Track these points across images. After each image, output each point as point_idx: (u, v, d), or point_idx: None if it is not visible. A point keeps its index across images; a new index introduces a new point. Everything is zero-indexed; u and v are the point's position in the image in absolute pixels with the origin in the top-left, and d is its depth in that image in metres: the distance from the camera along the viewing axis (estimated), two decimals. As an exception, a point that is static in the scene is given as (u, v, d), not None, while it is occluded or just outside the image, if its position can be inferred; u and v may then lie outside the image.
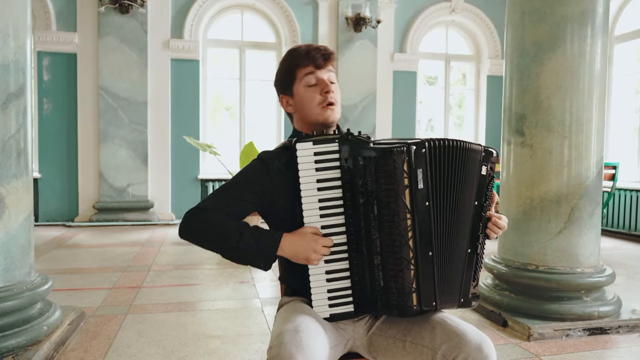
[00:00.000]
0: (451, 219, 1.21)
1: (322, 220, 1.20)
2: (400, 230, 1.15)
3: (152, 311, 3.02)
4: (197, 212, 1.23)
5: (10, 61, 2.21)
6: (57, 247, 5.00)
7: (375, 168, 1.14)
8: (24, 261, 2.29)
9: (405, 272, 1.15)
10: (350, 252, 1.20)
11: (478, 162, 1.23)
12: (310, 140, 1.19)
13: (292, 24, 7.06)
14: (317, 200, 1.19)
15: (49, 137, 6.51)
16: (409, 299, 1.16)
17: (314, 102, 1.31)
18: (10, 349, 2.10)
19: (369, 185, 1.16)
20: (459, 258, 1.23)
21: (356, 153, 1.17)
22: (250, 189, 1.26)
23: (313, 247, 1.18)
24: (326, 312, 1.21)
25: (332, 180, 1.19)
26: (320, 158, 1.18)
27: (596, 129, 2.77)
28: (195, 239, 1.24)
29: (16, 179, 2.23)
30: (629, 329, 2.71)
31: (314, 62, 1.31)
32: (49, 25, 6.39)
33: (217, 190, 1.28)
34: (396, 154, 1.13)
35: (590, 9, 2.71)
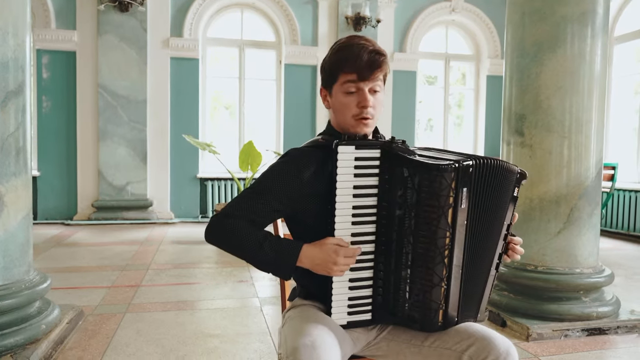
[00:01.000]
0: (483, 238, 1.20)
1: (353, 228, 1.16)
2: (438, 247, 1.12)
3: (150, 310, 3.02)
4: (222, 219, 1.20)
5: (10, 59, 2.20)
6: (56, 246, 4.99)
7: (420, 182, 1.10)
8: (22, 259, 2.29)
9: (436, 288, 1.14)
10: (377, 262, 1.18)
11: (513, 183, 1.22)
12: (352, 144, 1.13)
13: (292, 23, 7.05)
14: (351, 206, 1.15)
15: (48, 135, 6.49)
16: (436, 315, 1.15)
17: (350, 112, 1.24)
18: (9, 347, 2.10)
19: (409, 198, 1.12)
20: (483, 276, 1.24)
21: (399, 163, 1.12)
22: (279, 196, 1.21)
23: (333, 260, 1.14)
24: (344, 320, 1.19)
25: (369, 187, 1.15)
26: (360, 164, 1.13)
27: (596, 129, 2.77)
28: (218, 245, 1.22)
29: (15, 177, 2.22)
30: (627, 330, 2.71)
31: (359, 71, 1.20)
32: (48, 23, 6.38)
33: (245, 193, 1.23)
34: (446, 172, 1.08)
35: (590, 10, 2.71)
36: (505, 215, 1.23)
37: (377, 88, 1.24)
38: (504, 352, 1.10)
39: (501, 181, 1.19)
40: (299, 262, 1.18)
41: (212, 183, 6.92)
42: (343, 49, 1.23)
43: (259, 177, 1.25)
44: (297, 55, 7.04)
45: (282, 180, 1.21)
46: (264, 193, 1.21)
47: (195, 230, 6.19)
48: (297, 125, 7.15)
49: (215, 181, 6.93)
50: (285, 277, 1.23)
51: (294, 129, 7.14)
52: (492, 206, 1.19)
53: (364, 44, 1.22)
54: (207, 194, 6.93)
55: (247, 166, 5.41)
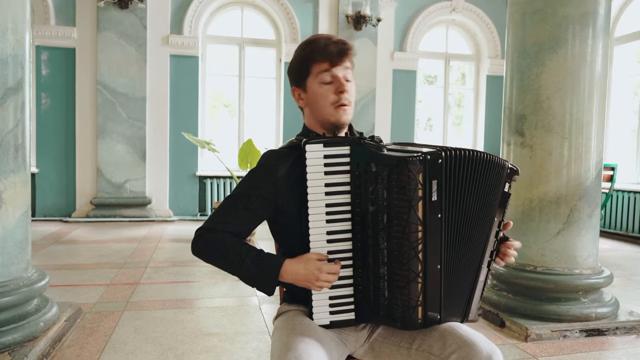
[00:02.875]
0: (465, 233, 1.17)
1: (328, 226, 1.15)
2: (411, 242, 1.10)
3: (149, 308, 3.01)
4: (204, 233, 1.22)
5: (9, 55, 2.19)
6: (54, 243, 4.98)
7: (388, 177, 1.09)
8: (21, 257, 2.28)
9: (413, 285, 1.12)
10: (355, 260, 1.17)
11: (503, 178, 1.19)
12: (320, 142, 1.13)
13: (292, 21, 7.03)
14: (324, 204, 1.14)
15: (46, 132, 6.48)
16: (414, 313, 1.14)
17: (327, 101, 1.25)
18: (7, 345, 2.09)
19: (380, 194, 1.11)
20: (469, 273, 1.21)
21: (368, 159, 1.12)
22: (256, 202, 1.22)
23: (316, 277, 1.14)
24: (326, 319, 1.18)
25: (341, 185, 1.14)
26: (330, 161, 1.13)
27: (596, 130, 2.77)
28: (204, 259, 1.24)
29: (14, 174, 2.21)
30: (626, 331, 2.71)
31: (330, 58, 1.23)
32: (47, 20, 6.36)
33: (225, 203, 1.25)
34: (412, 164, 1.07)
35: (591, 10, 2.71)
36: (493, 211, 1.20)
37: (349, 77, 1.26)
38: (486, 357, 1.08)
39: (485, 175, 1.16)
40: (281, 278, 1.18)
41: (211, 181, 6.91)
42: (310, 43, 1.27)
43: (239, 184, 1.27)
44: (297, 53, 7.02)
45: (258, 183, 1.22)
46: (242, 199, 1.23)
47: (194, 228, 6.08)
48: (297, 124, 7.07)
49: (214, 179, 6.92)
50: (268, 292, 1.21)
51: (294, 127, 7.12)
52: (476, 201, 1.16)
53: (328, 35, 1.28)
54: (206, 192, 6.92)
55: (246, 164, 5.41)
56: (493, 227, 1.21)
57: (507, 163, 1.20)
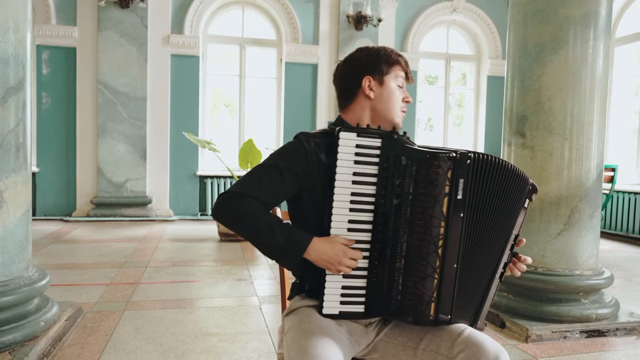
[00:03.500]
0: (483, 236, 1.19)
1: (351, 215, 1.17)
2: (432, 237, 1.13)
3: (149, 308, 3.01)
4: (234, 198, 1.20)
5: (10, 55, 2.19)
6: (55, 242, 4.98)
7: (417, 171, 1.12)
8: (21, 256, 2.28)
9: (429, 280, 1.14)
10: (372, 252, 1.18)
11: (525, 192, 1.22)
12: (354, 131, 1.15)
13: (293, 21, 7.03)
14: (349, 193, 1.16)
15: (47, 131, 6.48)
16: (427, 308, 1.15)
17: (398, 103, 1.36)
18: (7, 344, 2.09)
19: (406, 187, 1.13)
20: (483, 278, 1.23)
21: (399, 152, 1.14)
22: (289, 174, 1.22)
23: (339, 259, 1.15)
24: (336, 309, 1.19)
25: (368, 175, 1.16)
26: (361, 151, 1.15)
27: (597, 131, 2.77)
28: (227, 223, 1.22)
29: (15, 174, 2.21)
30: (626, 332, 2.71)
31: (407, 72, 1.39)
32: (48, 19, 6.36)
33: (256, 172, 1.24)
34: (442, 160, 1.11)
35: (593, 11, 2.71)
36: (513, 223, 1.23)
37: None
38: (493, 357, 1.10)
39: (508, 183, 1.19)
40: (306, 254, 1.18)
41: (211, 181, 6.91)
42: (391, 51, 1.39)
43: (269, 157, 1.27)
44: (297, 53, 7.03)
45: (293, 159, 1.23)
46: (276, 170, 1.22)
47: (194, 227, 6.19)
48: (297, 124, 7.13)
49: (214, 179, 6.92)
50: (290, 265, 1.23)
51: (294, 127, 7.12)
52: (497, 207, 1.19)
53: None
54: (206, 191, 6.92)
55: (247, 164, 5.41)
56: (510, 239, 1.24)
57: (529, 179, 1.23)
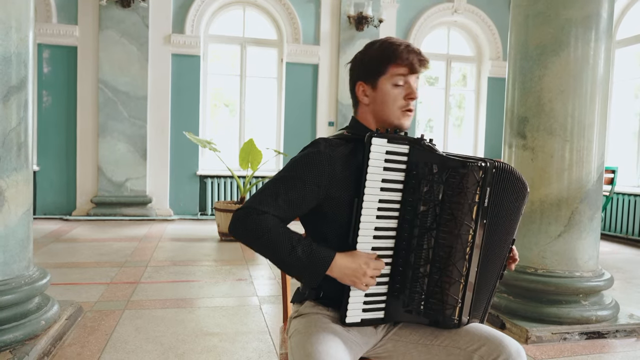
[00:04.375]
0: (496, 240, 1.22)
1: (377, 222, 1.16)
2: (462, 243, 1.15)
3: (149, 307, 3.01)
4: (251, 215, 1.16)
5: (12, 54, 2.19)
6: (55, 241, 4.98)
7: (447, 179, 1.13)
8: (22, 255, 2.28)
9: (456, 284, 1.16)
10: (396, 258, 1.19)
11: (526, 196, 1.25)
12: (385, 137, 1.15)
13: (294, 21, 7.04)
14: (377, 200, 1.15)
15: (47, 130, 6.48)
16: (453, 312, 1.18)
17: (396, 104, 1.26)
18: (8, 343, 2.09)
19: (435, 194, 1.14)
20: (492, 277, 1.26)
21: (428, 160, 1.15)
22: (310, 188, 1.19)
23: (363, 271, 1.15)
24: (358, 317, 1.19)
25: (396, 182, 1.16)
26: (390, 157, 1.15)
27: (598, 133, 2.77)
28: (245, 242, 1.19)
29: (16, 172, 2.22)
30: (626, 334, 2.72)
31: (410, 66, 1.25)
32: (49, 18, 6.36)
33: (275, 186, 1.19)
34: (474, 169, 1.12)
35: (594, 13, 2.71)
36: (517, 226, 1.26)
37: (418, 87, 1.30)
38: (514, 353, 1.13)
39: (515, 189, 1.22)
40: (329, 271, 1.16)
41: (211, 180, 6.91)
42: (389, 44, 1.27)
43: (288, 167, 1.22)
44: (298, 53, 7.03)
45: (315, 169, 1.19)
46: (297, 183, 1.19)
47: (194, 227, 6.19)
48: (298, 124, 7.14)
49: (214, 178, 6.92)
50: (311, 284, 1.20)
51: (295, 127, 7.13)
52: (508, 212, 1.22)
53: (407, 42, 1.28)
54: (206, 191, 6.92)
55: (247, 164, 5.41)
56: (512, 239, 1.27)
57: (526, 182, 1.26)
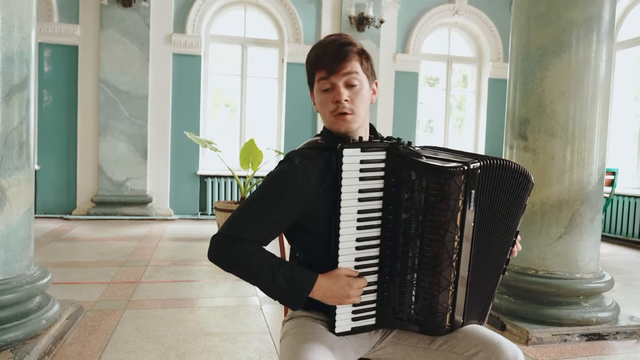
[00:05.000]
0: (492, 238, 1.19)
1: (358, 233, 1.12)
2: (448, 251, 1.10)
3: (150, 307, 3.01)
4: (229, 243, 1.14)
5: (15, 53, 2.19)
6: (55, 240, 4.98)
7: (427, 185, 1.08)
8: (23, 254, 2.28)
9: (444, 292, 1.13)
10: (382, 266, 1.15)
11: (528, 189, 1.20)
12: (358, 146, 1.09)
13: (295, 22, 7.04)
14: (356, 211, 1.11)
15: (48, 129, 6.48)
16: (444, 319, 1.15)
17: (327, 109, 1.20)
18: (9, 342, 2.09)
19: (416, 201, 1.09)
20: (491, 276, 1.23)
21: (406, 166, 1.09)
22: (285, 208, 1.15)
23: (347, 293, 1.12)
24: (348, 326, 1.17)
25: (374, 191, 1.11)
26: (366, 167, 1.10)
27: (599, 135, 2.77)
28: (224, 269, 1.17)
29: (18, 172, 2.22)
30: (626, 336, 2.72)
31: (327, 66, 1.18)
32: (50, 17, 6.36)
33: (249, 208, 1.16)
34: (456, 175, 1.06)
35: (596, 15, 2.71)
36: (518, 221, 1.23)
37: (354, 82, 1.18)
38: (512, 358, 1.11)
39: (513, 183, 1.17)
40: (312, 294, 1.14)
41: (212, 180, 6.91)
42: (315, 47, 1.23)
43: (263, 187, 1.17)
44: (299, 53, 7.03)
45: (290, 187, 1.15)
46: (270, 204, 1.15)
47: (195, 227, 6.19)
48: (298, 124, 7.14)
49: (215, 178, 6.93)
50: (294, 307, 1.18)
51: (295, 127, 7.14)
52: (505, 208, 1.18)
53: (333, 39, 1.21)
54: (206, 191, 6.92)
55: (247, 164, 5.41)
56: (513, 235, 1.24)
57: (530, 175, 1.19)
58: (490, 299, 1.26)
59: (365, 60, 1.22)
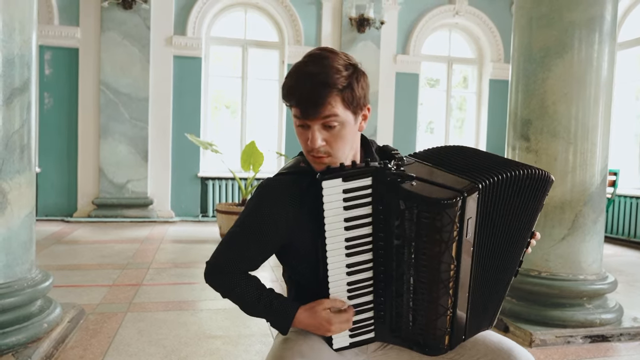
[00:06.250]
0: (500, 255, 1.12)
1: (348, 259, 1.08)
2: (442, 281, 1.03)
3: (152, 310, 3.01)
4: (218, 275, 1.18)
5: (15, 55, 2.18)
6: (56, 243, 4.97)
7: (419, 215, 1.00)
8: (25, 257, 2.27)
9: (442, 318, 1.07)
10: (376, 289, 1.11)
11: (546, 191, 1.12)
12: (339, 176, 1.01)
13: (295, 24, 7.04)
14: (343, 239, 1.05)
15: (49, 131, 6.47)
16: (442, 341, 1.10)
17: (304, 146, 1.12)
18: (10, 346, 2.09)
19: (408, 229, 1.02)
20: (501, 284, 1.18)
21: (394, 195, 1.01)
22: (268, 229, 1.13)
23: (325, 329, 1.10)
24: (346, 342, 1.15)
25: (362, 217, 1.05)
26: (350, 195, 1.03)
27: (601, 136, 2.76)
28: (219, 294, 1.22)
29: (19, 175, 2.21)
30: (630, 337, 2.70)
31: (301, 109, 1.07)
32: (51, 20, 6.36)
33: (233, 240, 1.17)
34: (449, 207, 0.97)
35: (598, 15, 2.70)
36: (533, 224, 1.16)
37: (333, 124, 1.07)
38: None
39: (525, 191, 1.09)
40: (294, 325, 1.14)
41: (212, 182, 6.90)
42: (290, 75, 1.09)
43: (244, 217, 1.17)
44: (300, 55, 6.82)
45: (266, 218, 1.12)
46: (252, 234, 1.14)
47: (196, 229, 6.18)
48: (299, 126, 7.13)
49: (216, 180, 6.92)
50: (282, 333, 1.18)
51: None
52: (515, 221, 1.11)
53: (310, 72, 1.05)
54: (207, 193, 6.91)
55: (249, 166, 5.41)
56: (526, 240, 1.18)
57: (547, 174, 1.10)
58: (499, 305, 1.22)
59: (350, 93, 1.07)
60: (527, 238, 1.17)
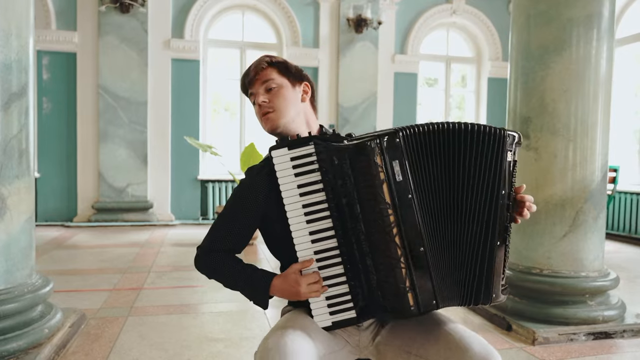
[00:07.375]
0: (453, 209, 1.12)
1: (310, 226, 1.16)
2: (385, 228, 1.09)
3: (153, 313, 3.00)
4: (203, 254, 1.31)
5: (13, 60, 2.18)
6: (56, 248, 4.96)
7: (351, 166, 1.11)
8: (25, 263, 2.26)
9: (396, 271, 1.09)
10: (342, 256, 1.16)
11: (502, 146, 1.12)
12: (284, 145, 1.16)
13: (293, 25, 7.04)
14: (301, 206, 1.15)
15: (48, 136, 6.47)
16: (405, 299, 1.10)
17: (258, 116, 1.36)
18: (12, 352, 2.08)
19: (349, 185, 1.12)
20: (471, 248, 1.14)
21: (332, 153, 1.13)
22: (246, 217, 1.28)
23: (297, 291, 1.17)
24: (328, 321, 1.17)
25: (314, 183, 1.15)
26: (298, 162, 1.15)
27: (601, 132, 2.76)
28: (207, 276, 1.33)
29: (18, 180, 2.20)
30: (633, 334, 2.70)
31: (246, 88, 1.36)
32: (48, 24, 6.36)
33: (217, 223, 1.32)
34: (368, 149, 1.07)
35: (596, 12, 2.70)
36: (498, 184, 1.13)
37: (271, 85, 1.31)
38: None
39: (468, 146, 1.11)
40: (272, 294, 1.23)
41: (212, 185, 6.90)
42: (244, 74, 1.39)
43: (229, 201, 1.33)
44: (298, 56, 7.02)
45: (243, 201, 1.28)
46: (233, 219, 1.29)
47: (196, 232, 6.17)
48: (298, 127, 7.12)
49: (215, 183, 6.91)
50: (263, 307, 1.26)
51: (295, 130, 7.12)
52: (464, 174, 1.11)
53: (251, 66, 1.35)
54: (207, 195, 6.91)
55: (248, 168, 5.40)
56: (499, 200, 1.13)
57: (500, 130, 1.12)
58: (488, 273, 1.14)
59: (283, 68, 1.34)
60: (502, 200, 1.14)
